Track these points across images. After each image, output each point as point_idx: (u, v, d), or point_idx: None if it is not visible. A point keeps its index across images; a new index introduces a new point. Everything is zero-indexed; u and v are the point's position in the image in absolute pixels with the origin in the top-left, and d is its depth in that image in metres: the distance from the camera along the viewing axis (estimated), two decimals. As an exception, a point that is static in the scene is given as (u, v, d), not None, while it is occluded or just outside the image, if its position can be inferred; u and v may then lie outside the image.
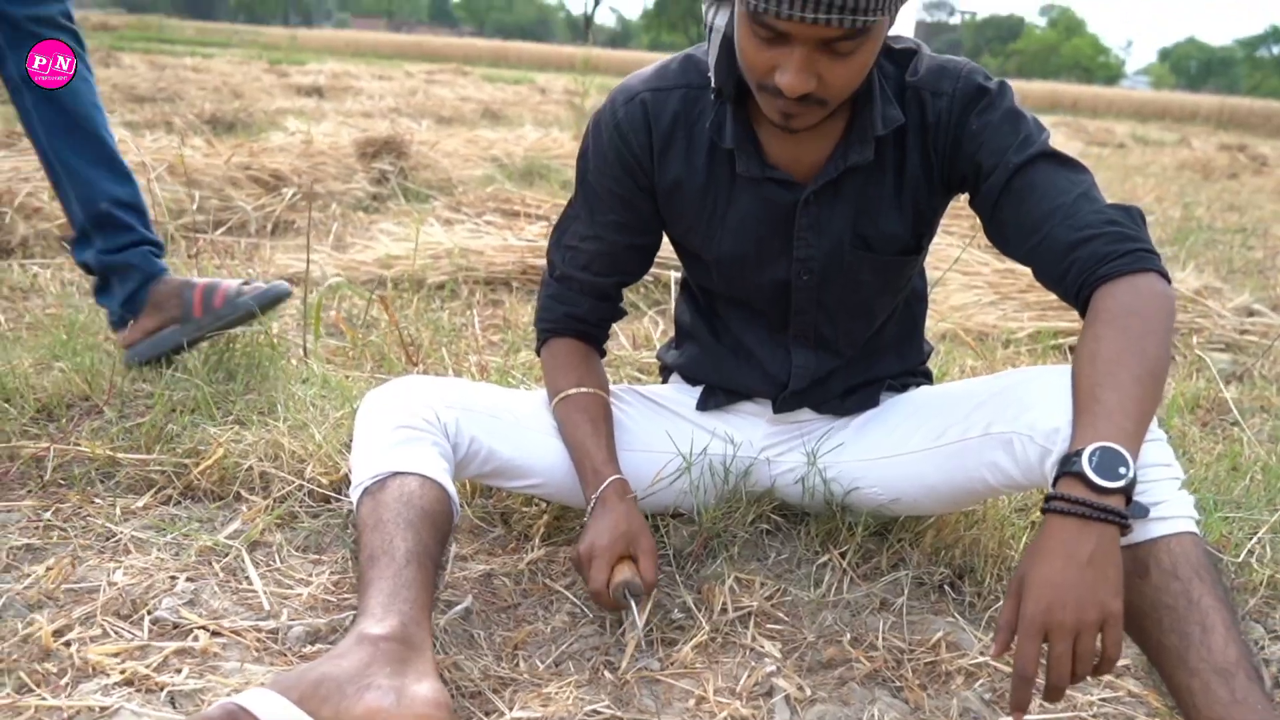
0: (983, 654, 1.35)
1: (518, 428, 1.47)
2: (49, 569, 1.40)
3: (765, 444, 1.58)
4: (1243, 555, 1.61)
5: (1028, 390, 1.29)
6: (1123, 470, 1.06)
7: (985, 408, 1.34)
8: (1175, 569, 1.11)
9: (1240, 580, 1.58)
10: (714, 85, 1.34)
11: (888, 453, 1.47)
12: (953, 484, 1.40)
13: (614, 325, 1.61)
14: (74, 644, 1.25)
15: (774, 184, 1.38)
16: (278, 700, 1.03)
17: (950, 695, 1.29)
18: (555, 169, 5.75)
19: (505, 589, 1.47)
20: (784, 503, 1.63)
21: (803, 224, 1.39)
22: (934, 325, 3.00)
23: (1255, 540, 1.65)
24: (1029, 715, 1.12)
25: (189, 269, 2.91)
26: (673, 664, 1.32)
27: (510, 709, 1.21)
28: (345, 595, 1.41)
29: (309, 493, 1.65)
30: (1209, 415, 2.48)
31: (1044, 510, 1.09)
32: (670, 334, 2.60)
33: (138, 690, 1.18)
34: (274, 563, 1.48)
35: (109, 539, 1.51)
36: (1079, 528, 1.06)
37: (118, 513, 1.57)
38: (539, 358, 1.57)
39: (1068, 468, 1.08)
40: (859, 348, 1.53)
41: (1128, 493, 1.07)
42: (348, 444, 1.74)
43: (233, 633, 1.31)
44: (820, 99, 1.21)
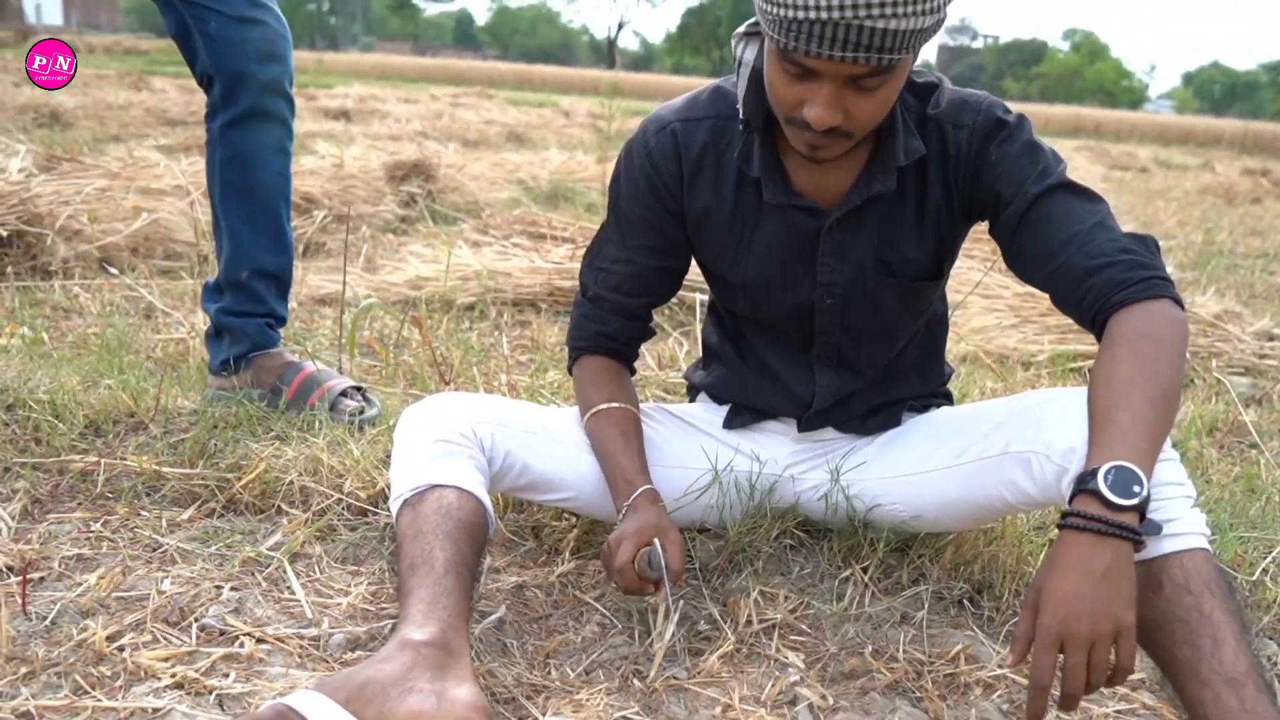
0: (1001, 666, 1.39)
1: (551, 443, 1.52)
2: (100, 578, 1.45)
3: (790, 462, 1.62)
4: (1256, 574, 1.65)
5: (1045, 411, 1.33)
6: (1137, 489, 1.10)
7: (1004, 428, 1.39)
8: (1187, 584, 1.15)
9: (1254, 598, 1.61)
10: (742, 116, 1.40)
11: (909, 471, 1.52)
12: (972, 501, 1.44)
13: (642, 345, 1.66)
14: (126, 649, 1.30)
15: (799, 211, 1.43)
16: (325, 701, 1.08)
17: (969, 706, 1.32)
18: (580, 192, 5.83)
19: (537, 600, 1.52)
20: (807, 519, 1.67)
21: (826, 250, 1.45)
22: (955, 347, 3.04)
23: (1270, 559, 1.68)
24: (1045, 725, 1.16)
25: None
26: (699, 673, 1.36)
27: (543, 715, 1.25)
28: (383, 605, 1.46)
29: (347, 506, 1.71)
30: (1227, 438, 2.50)
31: (1060, 526, 1.13)
32: (694, 355, 2.65)
33: (187, 693, 1.24)
34: (314, 573, 1.54)
35: (156, 550, 1.57)
36: (1094, 543, 1.10)
37: (164, 525, 1.63)
38: (571, 375, 1.62)
39: (1084, 485, 1.13)
40: (881, 369, 1.58)
41: (1141, 510, 1.11)
42: (384, 459, 1.80)
43: (276, 639, 1.36)
44: (846, 132, 1.27)
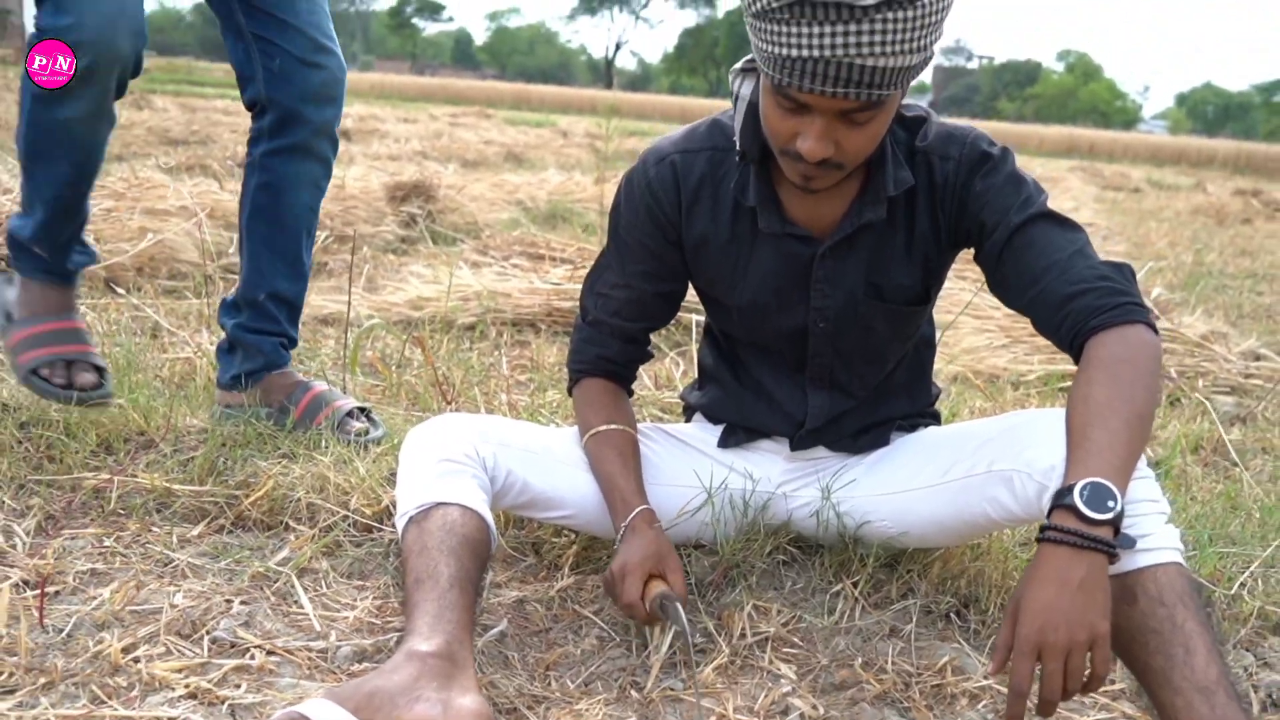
0: (986, 678, 1.44)
1: (551, 462, 1.58)
2: (114, 592, 1.50)
3: (782, 480, 1.68)
4: (1235, 588, 1.70)
5: (1027, 431, 1.39)
6: (1111, 504, 1.16)
7: (988, 447, 1.44)
8: (1161, 596, 1.20)
9: (1233, 611, 1.67)
10: (739, 148, 1.46)
11: (897, 488, 1.57)
12: (958, 518, 1.50)
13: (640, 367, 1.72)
14: (141, 660, 1.35)
15: (793, 239, 1.49)
16: (336, 710, 1.13)
17: (955, 716, 1.37)
18: (578, 212, 5.91)
19: (537, 614, 1.57)
20: (800, 535, 1.72)
21: (819, 275, 1.50)
22: (945, 367, 3.10)
23: (1248, 573, 1.73)
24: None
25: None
26: (695, 685, 1.41)
27: (544, 723, 1.30)
28: (388, 618, 1.51)
29: (353, 523, 1.76)
30: (1212, 456, 2.56)
31: (1039, 539, 1.18)
32: (690, 375, 2.71)
33: (201, 703, 1.28)
34: (321, 588, 1.59)
35: (168, 565, 1.61)
36: (1071, 556, 1.15)
37: (174, 540, 1.68)
38: (571, 397, 1.68)
39: (1061, 500, 1.18)
40: (871, 390, 1.63)
41: (1116, 524, 1.16)
42: (389, 477, 1.85)
43: (286, 652, 1.41)
44: (838, 163, 1.33)
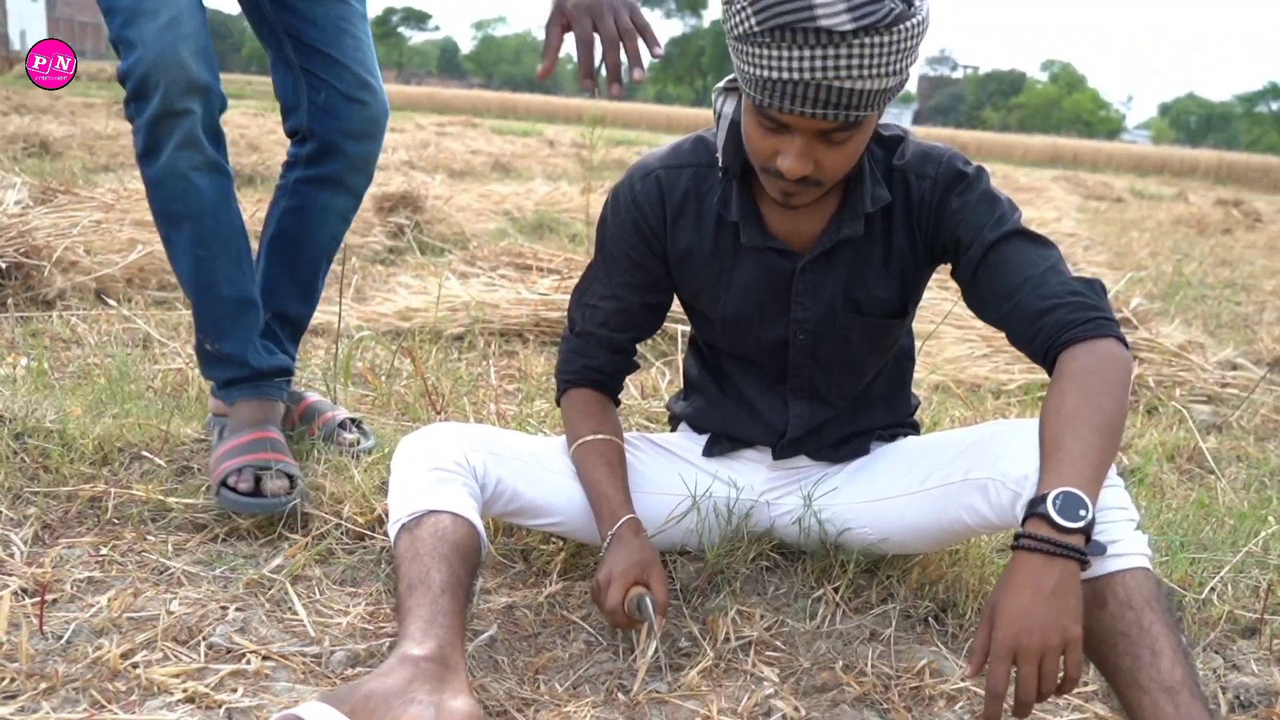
0: (963, 680, 1.48)
1: (540, 470, 1.61)
2: (112, 599, 1.53)
3: (765, 488, 1.72)
4: (1205, 593, 1.75)
5: (1002, 441, 1.44)
6: (1082, 512, 1.20)
7: (964, 456, 1.49)
8: (1129, 600, 1.25)
9: (1203, 615, 1.71)
10: (721, 165, 1.50)
11: (877, 496, 1.61)
12: (936, 525, 1.54)
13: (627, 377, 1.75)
14: (139, 666, 1.38)
15: (774, 253, 1.53)
16: (332, 712, 1.16)
17: (933, 717, 1.41)
18: (565, 222, 5.95)
19: (526, 619, 1.60)
20: (782, 542, 1.77)
21: (799, 288, 1.55)
22: (927, 377, 3.15)
23: (1218, 579, 1.78)
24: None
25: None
26: (680, 687, 1.44)
27: (534, 726, 1.34)
28: (381, 624, 1.54)
29: (345, 531, 1.79)
30: (1187, 464, 2.61)
31: (1013, 547, 1.23)
32: (675, 384, 2.75)
33: (199, 707, 1.31)
34: (315, 595, 1.62)
35: (164, 573, 1.64)
36: (1044, 562, 1.20)
37: (170, 549, 1.71)
38: (559, 406, 1.72)
39: (1034, 509, 1.22)
40: (850, 400, 1.67)
41: (1087, 532, 1.21)
42: (380, 486, 1.88)
43: (281, 657, 1.44)
44: (816, 180, 1.37)
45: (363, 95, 1.98)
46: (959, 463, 1.49)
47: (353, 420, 2.17)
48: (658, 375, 2.93)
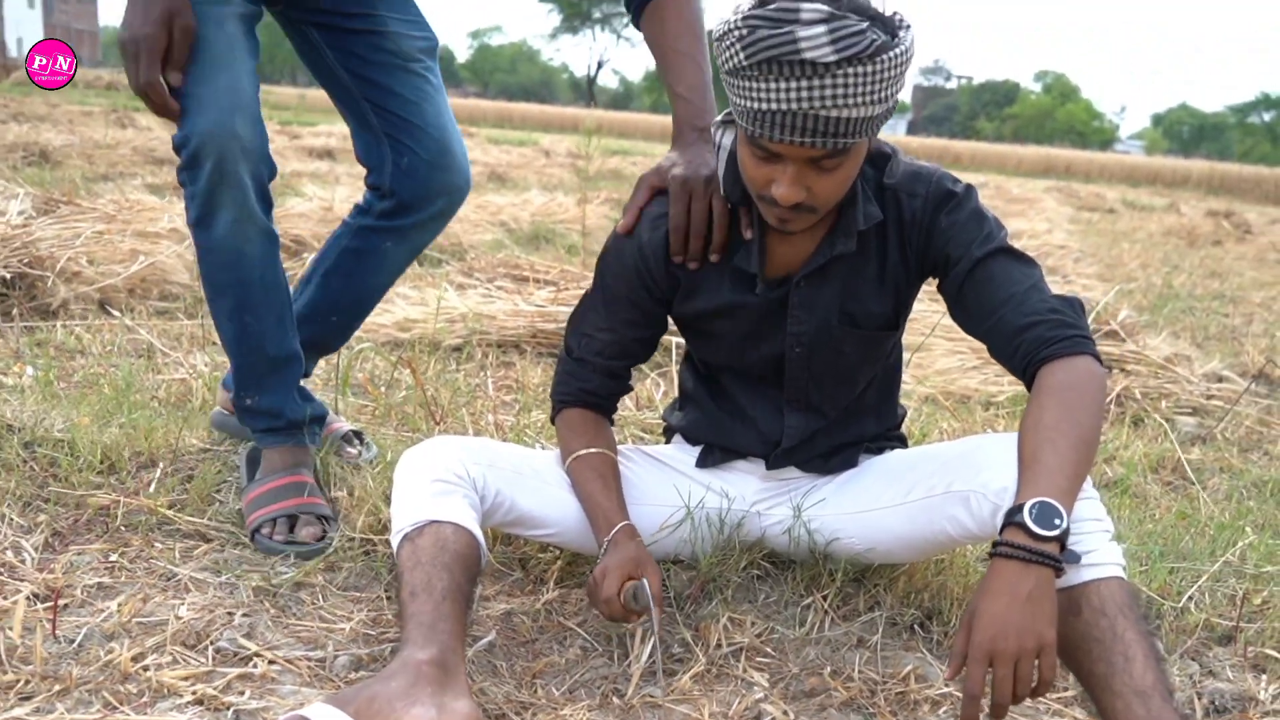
0: (947, 685, 1.53)
1: (537, 483, 1.66)
2: (121, 605, 1.58)
3: (757, 499, 1.77)
4: (1183, 601, 1.80)
5: (983, 454, 1.49)
6: (1058, 522, 1.26)
7: (947, 469, 1.54)
8: (1103, 607, 1.30)
9: (1180, 623, 1.77)
10: (722, 193, 1.56)
11: (864, 507, 1.67)
12: (920, 535, 1.59)
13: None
14: (150, 669, 1.42)
15: (774, 282, 1.59)
16: (337, 714, 1.22)
17: (917, 721, 1.47)
18: (561, 234, 6.00)
19: (524, 625, 1.65)
20: (773, 551, 1.82)
21: (795, 303, 1.60)
22: (917, 388, 3.20)
23: (1195, 588, 1.84)
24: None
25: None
26: (673, 692, 1.49)
27: (532, 728, 1.39)
28: (383, 630, 1.59)
29: (349, 539, 1.84)
30: (1172, 475, 2.67)
31: (991, 554, 1.28)
32: (670, 395, 2.81)
33: (208, 709, 1.36)
34: (319, 601, 1.67)
35: (171, 579, 1.69)
36: (1020, 569, 1.25)
37: (178, 556, 1.76)
38: (554, 425, 1.77)
39: (1011, 518, 1.28)
40: (841, 410, 1.73)
41: (1062, 541, 1.26)
42: (383, 496, 1.93)
43: (286, 661, 1.49)
44: (810, 207, 1.43)
45: (445, 162, 1.99)
46: (942, 476, 1.54)
47: (355, 433, 2.22)
48: (652, 387, 2.98)
